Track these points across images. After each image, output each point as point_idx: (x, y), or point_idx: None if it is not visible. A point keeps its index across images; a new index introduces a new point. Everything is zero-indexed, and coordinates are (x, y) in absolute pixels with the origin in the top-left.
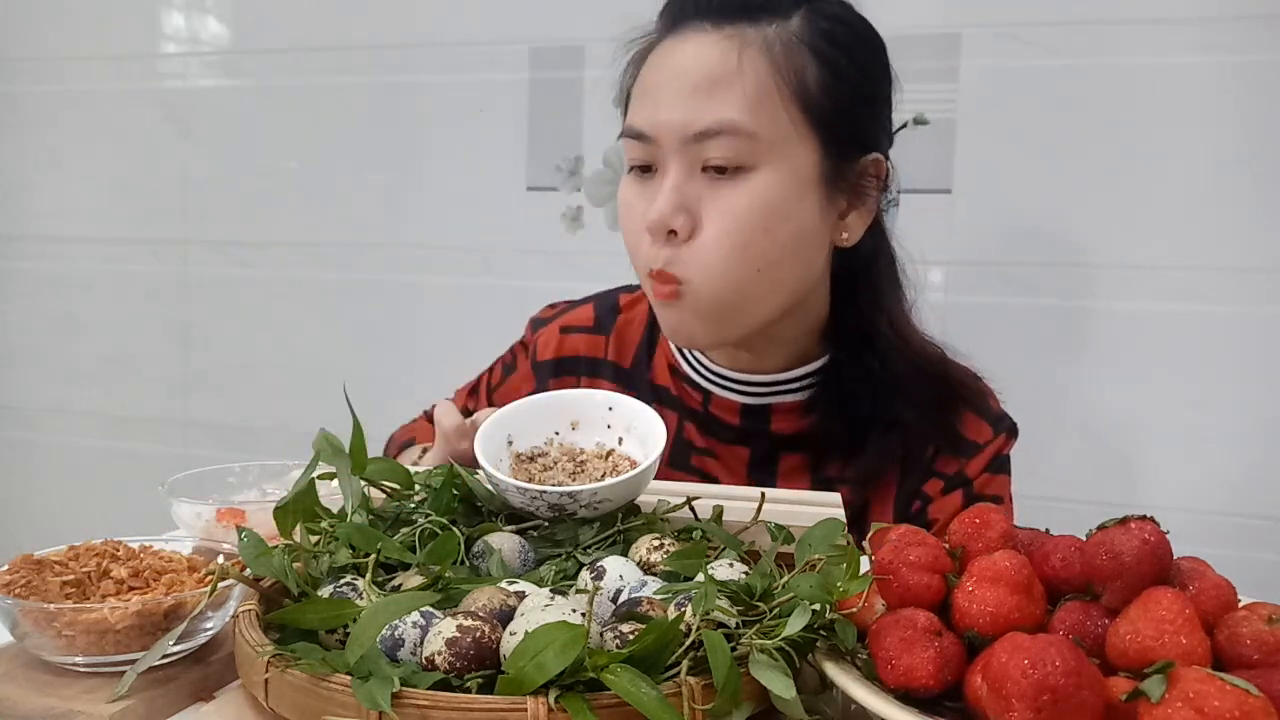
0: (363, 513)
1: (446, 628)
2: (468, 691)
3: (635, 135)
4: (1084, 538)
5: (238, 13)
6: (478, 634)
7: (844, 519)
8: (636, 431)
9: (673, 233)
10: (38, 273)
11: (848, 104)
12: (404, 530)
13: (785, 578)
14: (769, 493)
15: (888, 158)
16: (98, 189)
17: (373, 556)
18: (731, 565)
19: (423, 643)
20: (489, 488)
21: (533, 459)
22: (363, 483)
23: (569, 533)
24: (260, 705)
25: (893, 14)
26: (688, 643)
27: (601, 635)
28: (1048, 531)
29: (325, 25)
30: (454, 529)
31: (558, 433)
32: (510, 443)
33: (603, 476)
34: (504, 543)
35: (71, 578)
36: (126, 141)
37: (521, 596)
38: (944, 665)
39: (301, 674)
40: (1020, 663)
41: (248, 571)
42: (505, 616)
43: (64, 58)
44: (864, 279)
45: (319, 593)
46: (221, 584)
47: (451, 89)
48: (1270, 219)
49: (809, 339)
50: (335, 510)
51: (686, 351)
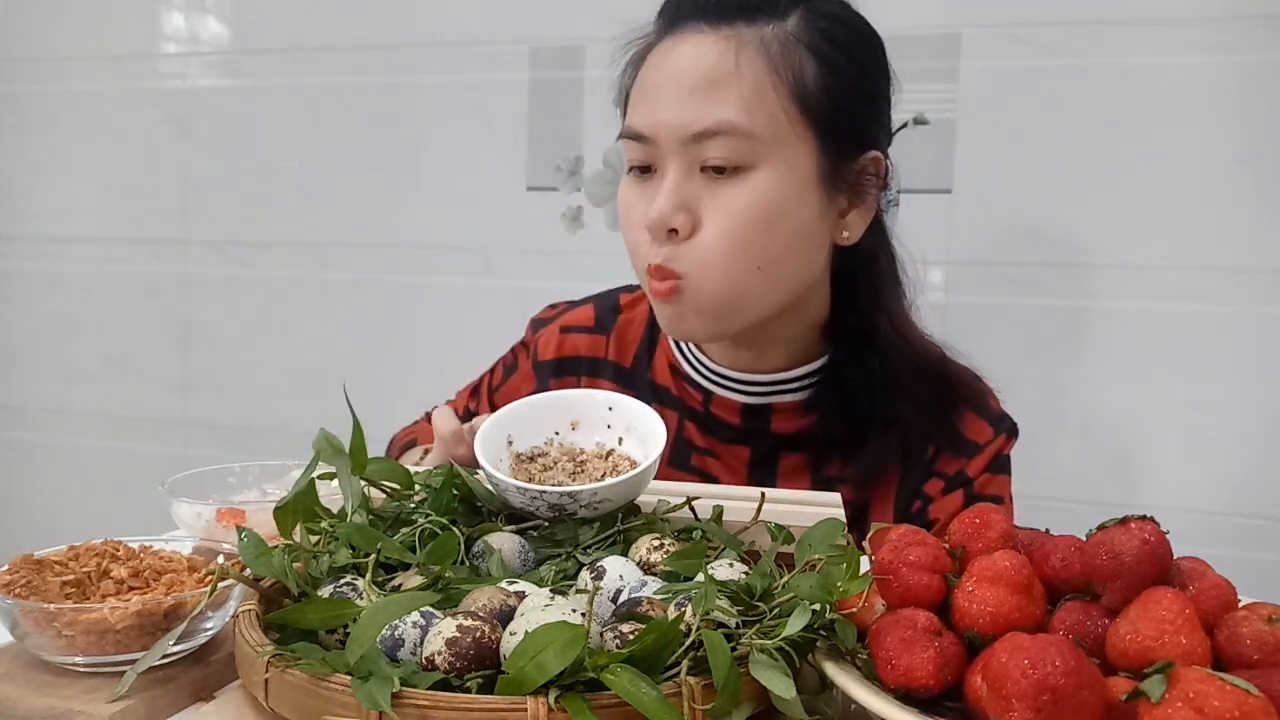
0: (363, 513)
1: (446, 628)
2: (468, 691)
3: (634, 136)
4: (1084, 538)
5: (238, 13)
6: (478, 634)
7: (844, 519)
8: (636, 431)
9: (673, 231)
10: (38, 273)
11: (846, 102)
12: (404, 530)
13: (785, 578)
14: (769, 493)
15: (887, 156)
16: (98, 189)
17: (373, 556)
18: (731, 565)
19: (423, 643)
20: (489, 488)
21: (533, 459)
22: (363, 483)
23: (569, 533)
24: (260, 705)
25: (893, 14)
26: (688, 643)
27: (601, 635)
28: (1048, 531)
29: (325, 25)
30: (454, 529)
31: (558, 433)
32: (510, 443)
33: (603, 476)
34: (504, 543)
35: (71, 578)
36: (126, 141)
37: (521, 596)
38: (944, 665)
39: (301, 674)
40: (1020, 663)
41: (248, 571)
42: (505, 616)
43: (64, 58)
44: (864, 278)
45: (319, 593)
46: (221, 584)
47: (451, 89)
48: (1270, 219)
49: (809, 338)
50: (335, 510)
51: (687, 351)
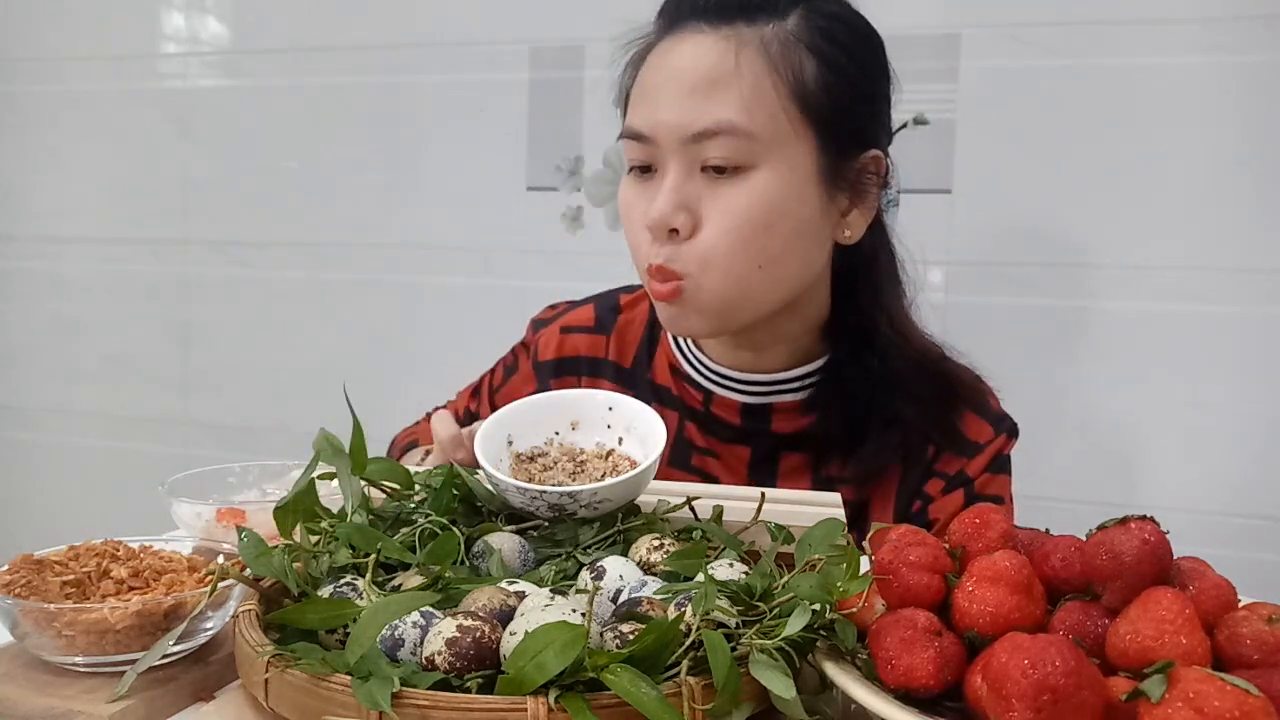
0: (363, 513)
1: (446, 628)
2: (468, 691)
3: (634, 136)
4: (1084, 538)
5: (238, 13)
6: (478, 634)
7: (844, 519)
8: (636, 431)
9: (674, 231)
10: (38, 273)
11: (846, 101)
12: (404, 530)
13: (785, 578)
14: (769, 493)
15: (887, 155)
16: (98, 189)
17: (373, 556)
18: (731, 565)
19: (423, 643)
20: (489, 488)
21: (533, 459)
22: (363, 483)
23: (569, 533)
24: (260, 705)
25: (892, 14)
26: (688, 643)
27: (601, 635)
28: (1048, 531)
29: (325, 25)
30: (454, 529)
31: (558, 433)
32: (510, 443)
33: (603, 476)
34: (504, 543)
35: (71, 578)
36: (126, 141)
37: (521, 596)
38: (944, 665)
39: (301, 674)
40: (1020, 663)
41: (248, 571)
42: (505, 616)
43: (64, 58)
44: (865, 277)
45: (319, 593)
46: (221, 584)
47: (451, 89)
48: (1270, 219)
49: (810, 337)
50: (335, 510)
51: (687, 351)
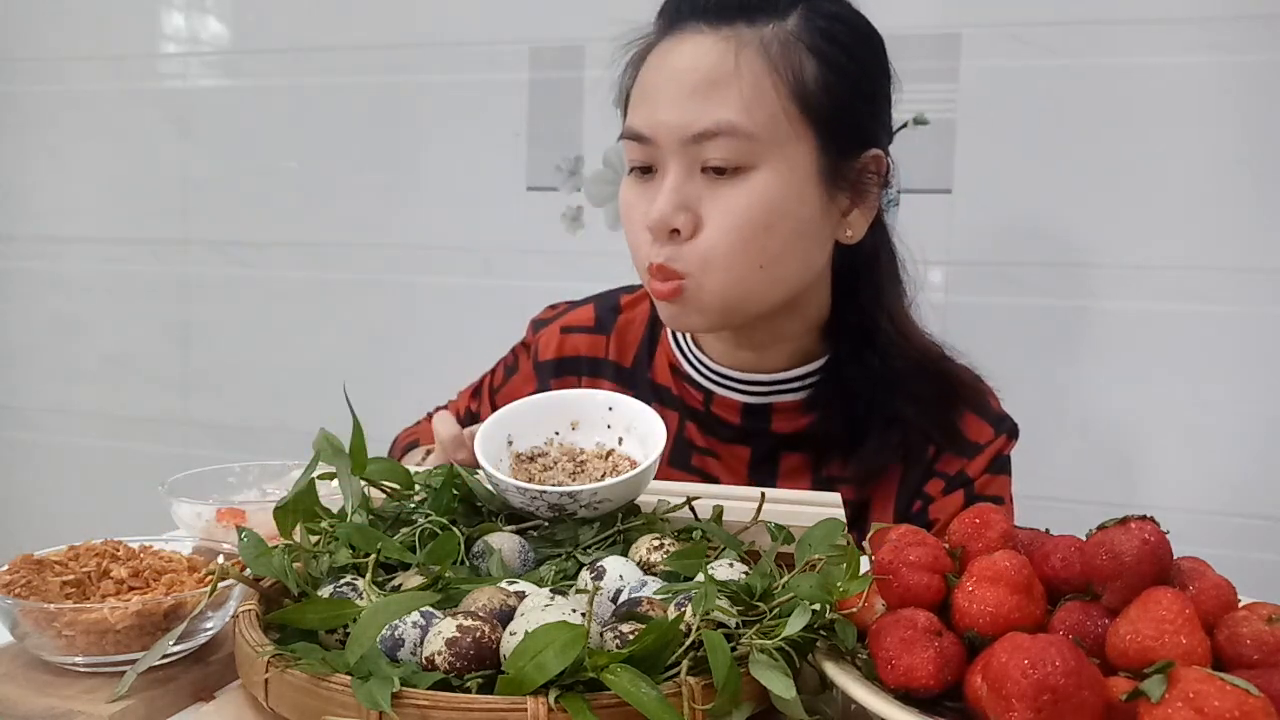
0: (363, 513)
1: (446, 628)
2: (468, 691)
3: (634, 137)
4: (1084, 538)
5: (238, 13)
6: (478, 634)
7: (844, 519)
8: (636, 431)
9: (675, 231)
10: (38, 273)
11: (846, 101)
12: (404, 530)
13: (785, 578)
14: (769, 493)
15: (888, 154)
16: (98, 189)
17: (373, 556)
18: (731, 565)
19: (423, 643)
20: (489, 488)
21: (533, 459)
22: (363, 483)
23: (569, 533)
24: (260, 705)
25: (892, 14)
26: (688, 643)
27: (601, 635)
28: (1048, 531)
29: (325, 25)
30: (454, 529)
31: (558, 433)
32: (510, 443)
33: (603, 476)
34: (504, 543)
35: (71, 578)
36: (126, 141)
37: (521, 596)
38: (944, 665)
39: (301, 674)
40: (1020, 663)
41: (248, 571)
42: (505, 616)
43: (64, 58)
44: (865, 276)
45: (319, 593)
46: (221, 584)
47: (451, 89)
48: (1270, 219)
49: (810, 337)
50: (335, 510)
51: (688, 351)
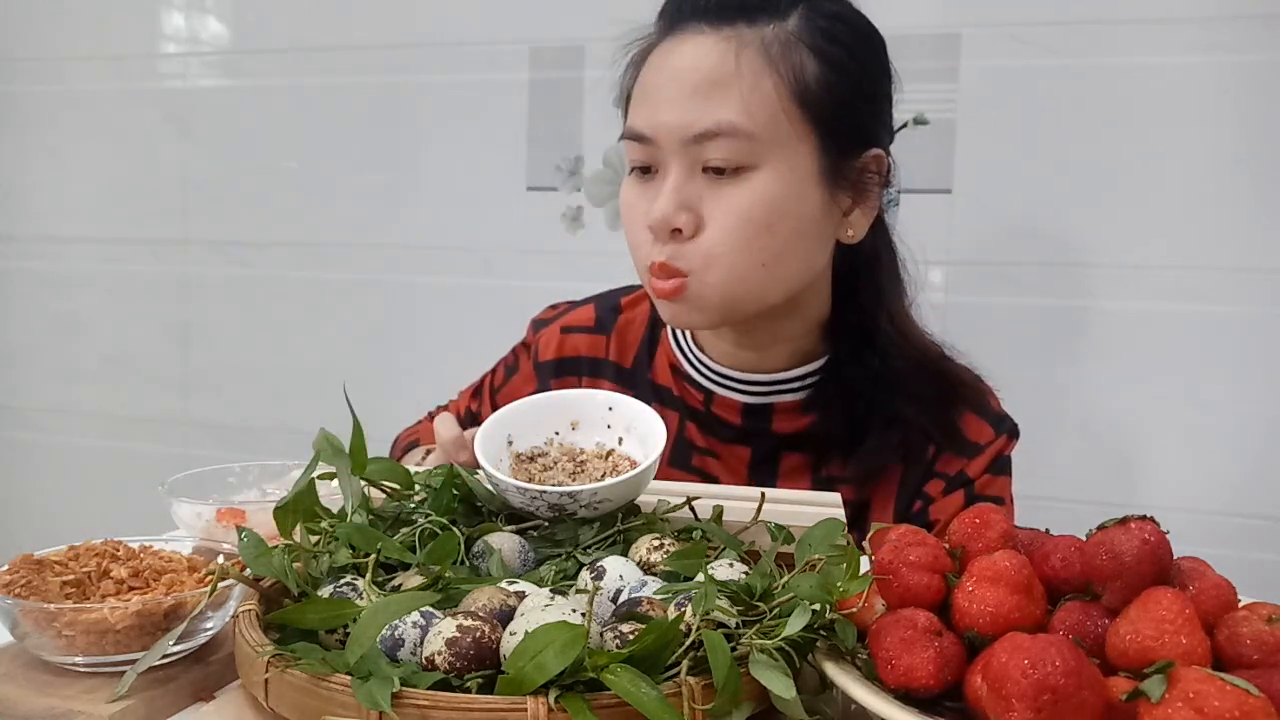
0: (363, 513)
1: (446, 628)
2: (468, 691)
3: (635, 137)
4: (1084, 538)
5: (238, 13)
6: (478, 634)
7: (844, 519)
8: (636, 431)
9: (677, 231)
10: (38, 273)
11: (847, 100)
12: (404, 530)
13: (785, 578)
14: (769, 493)
15: (889, 154)
16: (98, 189)
17: (373, 556)
18: (731, 565)
19: (423, 643)
20: (489, 488)
21: (533, 459)
22: (363, 483)
23: (569, 533)
24: (260, 705)
25: (892, 14)
26: (688, 643)
27: (601, 635)
28: (1048, 531)
29: (325, 25)
30: (454, 529)
31: (558, 433)
32: (510, 443)
33: (603, 476)
34: (504, 543)
35: (71, 578)
36: (126, 141)
37: (521, 596)
38: (944, 665)
39: (301, 674)
40: (1020, 663)
41: (248, 571)
42: (505, 616)
43: (64, 58)
44: (866, 276)
45: (319, 593)
46: (221, 584)
47: (451, 89)
48: (1270, 219)
49: (811, 337)
50: (335, 510)
51: (688, 351)
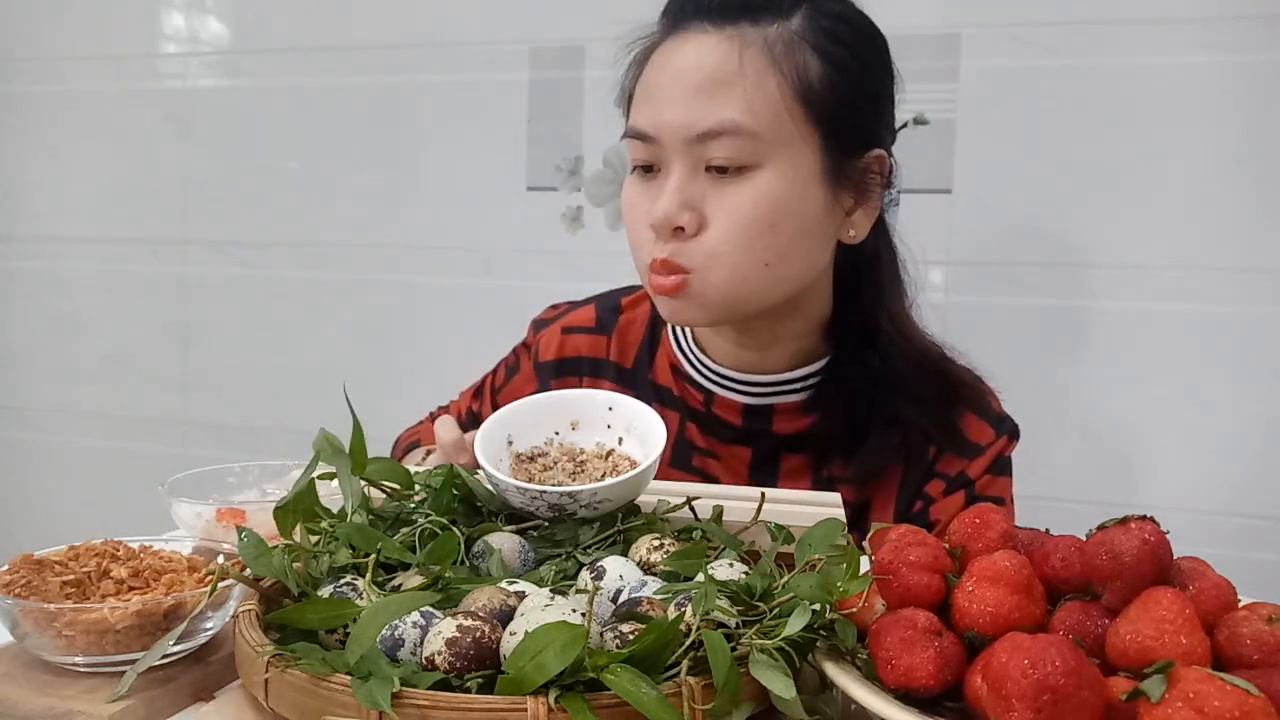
0: (363, 513)
1: (446, 628)
2: (468, 691)
3: (638, 136)
4: (1084, 538)
5: (238, 13)
6: (478, 634)
7: (844, 519)
8: (636, 431)
9: (679, 229)
10: (38, 273)
11: (850, 100)
12: (404, 530)
13: (785, 578)
14: (769, 493)
15: (891, 154)
16: (98, 189)
17: (373, 556)
18: (731, 565)
19: (423, 643)
20: (489, 488)
21: (533, 459)
22: (363, 483)
23: (569, 533)
24: (260, 705)
25: (893, 14)
26: (688, 643)
27: (601, 635)
28: (1048, 531)
29: (325, 25)
30: (454, 529)
31: (558, 433)
32: (510, 443)
33: (603, 476)
34: (504, 543)
35: (71, 578)
36: (126, 141)
37: (521, 596)
38: (944, 665)
39: (301, 674)
40: (1020, 663)
41: (248, 571)
42: (505, 616)
43: (64, 58)
44: (867, 276)
45: (319, 593)
46: (221, 584)
47: (451, 89)
48: (1270, 219)
49: (812, 338)
50: (335, 510)
51: (689, 351)
